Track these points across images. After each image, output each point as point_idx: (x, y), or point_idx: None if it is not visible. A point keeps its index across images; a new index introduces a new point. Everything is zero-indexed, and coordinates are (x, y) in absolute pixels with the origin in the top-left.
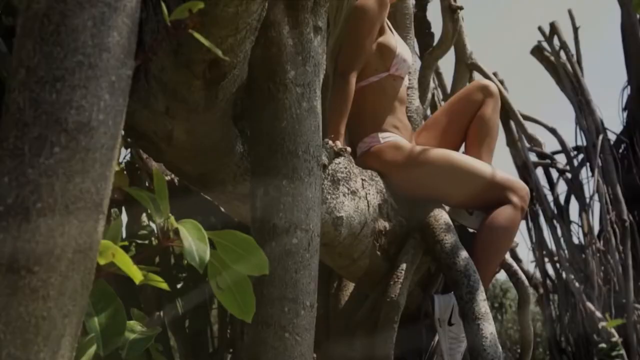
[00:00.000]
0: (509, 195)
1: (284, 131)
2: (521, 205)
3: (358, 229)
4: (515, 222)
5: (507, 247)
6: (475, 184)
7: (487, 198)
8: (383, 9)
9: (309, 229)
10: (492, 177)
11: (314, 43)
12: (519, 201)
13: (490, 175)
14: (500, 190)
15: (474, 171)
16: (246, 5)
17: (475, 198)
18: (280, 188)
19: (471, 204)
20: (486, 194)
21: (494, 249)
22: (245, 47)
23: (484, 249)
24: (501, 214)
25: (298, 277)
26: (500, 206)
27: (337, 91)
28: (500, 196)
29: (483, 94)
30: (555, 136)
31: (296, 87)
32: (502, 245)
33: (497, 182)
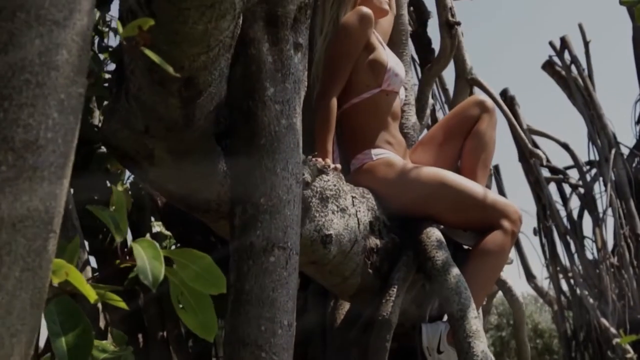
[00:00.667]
0: (499, 220)
1: (262, 149)
2: (512, 230)
3: (348, 247)
4: (505, 247)
5: (498, 273)
6: (466, 205)
7: (478, 220)
8: (366, 26)
9: (287, 247)
10: (483, 200)
11: (294, 60)
12: (509, 225)
13: (481, 197)
14: (492, 213)
15: (465, 192)
16: (216, 22)
17: (465, 219)
18: (257, 206)
19: (462, 225)
20: (477, 217)
21: (484, 276)
22: (220, 65)
23: (474, 276)
24: (491, 240)
25: (275, 295)
26: (491, 230)
27: (318, 113)
28: (491, 220)
29: (479, 109)
30: (568, 151)
31: (275, 104)
32: (493, 272)
33: (489, 204)
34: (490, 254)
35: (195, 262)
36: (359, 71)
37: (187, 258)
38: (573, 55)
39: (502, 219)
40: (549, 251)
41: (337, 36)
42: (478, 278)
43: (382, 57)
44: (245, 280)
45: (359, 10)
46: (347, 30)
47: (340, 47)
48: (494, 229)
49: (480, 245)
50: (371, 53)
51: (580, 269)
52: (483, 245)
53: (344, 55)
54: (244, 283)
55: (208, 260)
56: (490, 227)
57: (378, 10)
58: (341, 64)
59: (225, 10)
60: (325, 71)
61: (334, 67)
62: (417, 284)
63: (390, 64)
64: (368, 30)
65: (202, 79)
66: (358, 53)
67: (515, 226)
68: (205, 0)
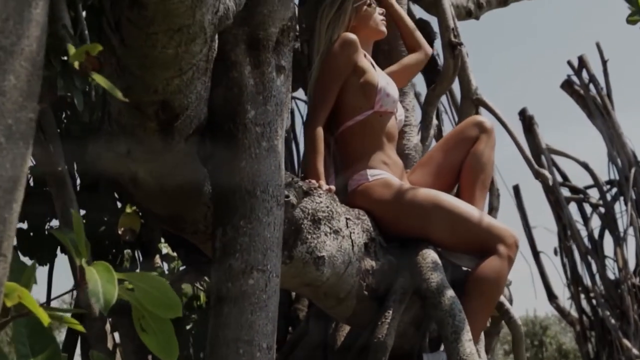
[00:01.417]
0: (495, 245)
1: (243, 171)
2: (508, 255)
3: (342, 269)
4: (501, 273)
5: (496, 299)
6: (461, 228)
7: (474, 244)
8: (349, 52)
9: (267, 269)
10: (479, 223)
11: (277, 82)
12: (505, 250)
13: (477, 221)
14: (487, 238)
15: (461, 215)
16: (186, 46)
17: (461, 243)
18: (237, 229)
19: (458, 248)
20: (473, 240)
21: (481, 302)
22: (196, 88)
23: (471, 303)
24: (487, 266)
25: (254, 318)
26: (488, 255)
27: (305, 139)
28: (487, 244)
29: (477, 130)
30: (588, 170)
31: (256, 126)
32: (490, 298)
33: (484, 229)
34: (486, 281)
35: (153, 286)
36: (351, 94)
37: (145, 282)
38: (591, 74)
39: (498, 244)
40: (570, 271)
41: (321, 63)
42: (476, 305)
43: (372, 79)
44: (223, 302)
45: (343, 37)
46: (330, 58)
47: (324, 74)
48: (490, 254)
49: (477, 272)
50: (362, 76)
51: (601, 289)
52: (479, 272)
53: (327, 81)
54: (223, 306)
55: (165, 285)
56: (486, 251)
57: (374, 32)
58: (324, 90)
59: (194, 34)
60: (312, 97)
61: (318, 93)
62: (415, 305)
63: (381, 84)
64: (352, 55)
65: (177, 102)
66: (342, 79)
67: (511, 251)
68: (172, 25)
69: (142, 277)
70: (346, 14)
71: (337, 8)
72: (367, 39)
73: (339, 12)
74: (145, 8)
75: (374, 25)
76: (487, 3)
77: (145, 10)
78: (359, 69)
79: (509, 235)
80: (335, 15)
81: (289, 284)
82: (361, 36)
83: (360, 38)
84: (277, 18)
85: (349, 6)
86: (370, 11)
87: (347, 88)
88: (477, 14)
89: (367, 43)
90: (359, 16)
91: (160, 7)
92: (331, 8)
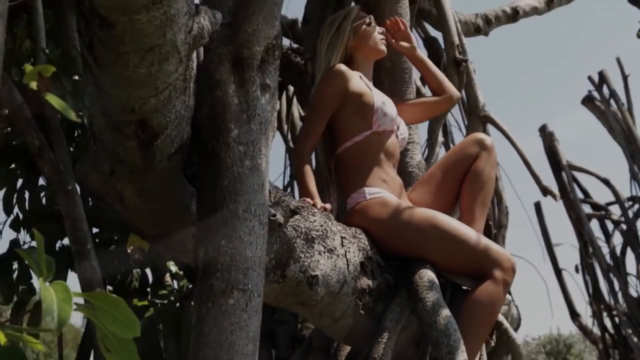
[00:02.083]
0: (492, 269)
1: (225, 190)
2: (503, 279)
3: (337, 288)
4: (496, 298)
5: (491, 324)
6: (457, 250)
7: (470, 267)
8: (339, 84)
9: (248, 289)
10: (475, 246)
11: (262, 101)
12: (501, 275)
13: (474, 243)
14: (484, 261)
15: (458, 237)
16: (159, 65)
17: (457, 264)
18: (219, 248)
19: (454, 269)
20: (469, 263)
21: (476, 327)
22: (175, 108)
23: (466, 327)
24: (482, 291)
25: (234, 338)
26: (483, 279)
27: (293, 164)
28: (483, 268)
29: (478, 147)
30: (609, 187)
31: (239, 145)
32: (485, 323)
33: (481, 252)
34: (481, 306)
35: (112, 306)
36: (348, 118)
37: (103, 301)
38: (612, 89)
39: (494, 269)
40: (592, 289)
41: (314, 90)
42: (470, 329)
43: (368, 101)
44: (204, 322)
45: (333, 69)
46: (319, 88)
47: (313, 103)
48: (486, 278)
49: (472, 297)
50: (357, 99)
51: (624, 306)
52: (475, 297)
53: (316, 111)
54: (203, 325)
55: (123, 304)
56: (482, 275)
57: (373, 51)
58: (312, 118)
59: (167, 53)
60: (303, 122)
61: (307, 120)
62: (413, 324)
63: (377, 104)
64: (343, 86)
65: (156, 121)
66: (331, 109)
67: (507, 275)
68: (142, 44)
69: (101, 296)
70: (345, 33)
71: (336, 28)
72: (366, 59)
73: (338, 32)
74: (114, 28)
75: (373, 45)
76: (496, 19)
77: (114, 30)
78: (353, 94)
79: (505, 259)
80: (334, 35)
81: (283, 303)
82: (360, 55)
83: (359, 57)
84: (261, 37)
85: (347, 26)
86: (369, 30)
87: (342, 113)
88: (485, 30)
89: (366, 62)
90: (358, 36)
91: (129, 27)
92: (330, 28)
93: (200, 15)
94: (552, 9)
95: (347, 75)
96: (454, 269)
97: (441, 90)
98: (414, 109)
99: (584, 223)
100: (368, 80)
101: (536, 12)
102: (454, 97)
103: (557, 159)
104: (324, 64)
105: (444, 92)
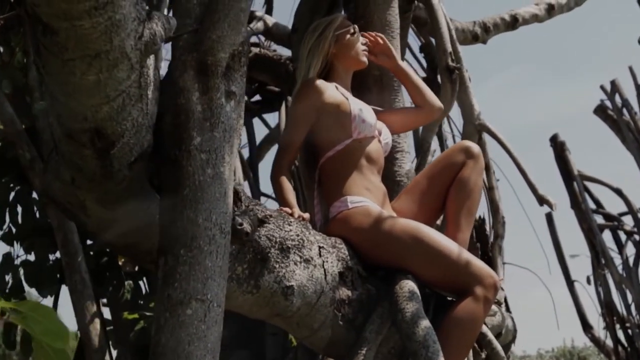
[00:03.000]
0: (472, 285)
1: (186, 199)
2: (484, 296)
3: (314, 299)
4: (476, 315)
5: (471, 343)
6: (438, 264)
7: (451, 281)
8: (314, 98)
9: (207, 299)
10: (457, 261)
11: (226, 108)
12: (482, 292)
13: (455, 258)
14: (465, 277)
15: (438, 250)
16: (108, 72)
17: (438, 278)
18: (177, 257)
19: (435, 283)
20: (449, 277)
21: (455, 346)
22: (131, 115)
23: (446, 345)
24: (462, 308)
25: (191, 349)
26: (464, 295)
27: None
28: (463, 283)
29: (464, 156)
30: (621, 197)
31: (201, 153)
32: (464, 341)
33: (462, 267)
34: (460, 324)
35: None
36: (328, 129)
37: (35, 311)
38: (624, 98)
39: (475, 285)
40: (604, 300)
41: (292, 102)
42: (450, 348)
43: (345, 109)
44: (162, 333)
45: (306, 83)
46: (294, 103)
47: (290, 116)
48: (467, 294)
49: (452, 314)
50: (335, 110)
51: (637, 318)
52: (454, 315)
53: (291, 123)
54: (161, 336)
55: (53, 314)
56: (463, 291)
57: (354, 62)
58: (289, 130)
59: (115, 59)
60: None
61: (285, 132)
62: (395, 336)
63: (354, 112)
64: (318, 99)
65: (110, 130)
66: (308, 123)
67: (488, 293)
68: (87, 51)
69: (28, 304)
70: (326, 40)
71: (318, 34)
72: (346, 68)
73: (320, 38)
74: (57, 34)
75: (355, 55)
76: (495, 26)
77: (57, 37)
78: (330, 105)
79: (487, 275)
80: (316, 41)
81: (259, 314)
82: (340, 65)
83: (339, 67)
84: (226, 43)
85: (329, 33)
86: (352, 40)
87: (321, 125)
88: (484, 37)
89: (345, 72)
90: (340, 44)
91: (72, 33)
92: (313, 34)
93: (153, 21)
94: (553, 17)
95: (321, 87)
96: (435, 282)
97: (423, 102)
98: (393, 118)
99: (595, 234)
100: (345, 90)
101: (536, 19)
102: (436, 109)
103: (568, 169)
104: (303, 69)
105: (426, 103)
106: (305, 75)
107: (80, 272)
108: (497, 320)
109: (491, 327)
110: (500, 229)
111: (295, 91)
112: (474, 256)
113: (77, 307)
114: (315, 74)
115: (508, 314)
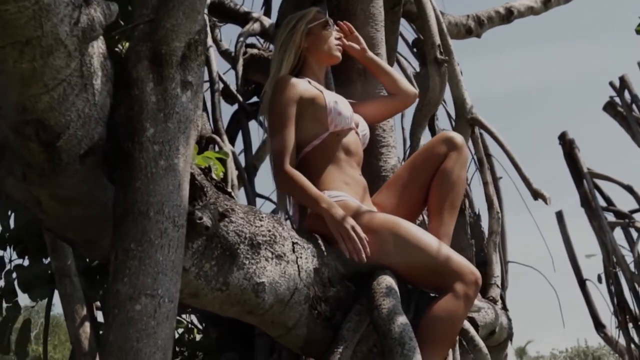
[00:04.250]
0: (453, 282)
1: (137, 191)
2: (465, 293)
3: (287, 296)
4: (456, 314)
5: (451, 341)
6: (417, 260)
7: (430, 278)
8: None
9: (157, 294)
10: (436, 257)
11: (182, 99)
12: (462, 289)
13: (435, 254)
14: (444, 273)
15: (418, 246)
16: (43, 60)
17: (417, 275)
18: (127, 251)
19: (415, 279)
20: (429, 274)
21: (433, 343)
22: (75, 106)
23: (425, 342)
24: (441, 305)
25: (140, 346)
26: (444, 292)
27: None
28: (443, 280)
29: (446, 147)
30: (632, 194)
31: (154, 145)
32: (444, 338)
33: (441, 263)
34: (440, 321)
35: None
36: (305, 124)
37: None
38: (633, 94)
39: (455, 282)
40: (616, 299)
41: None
42: (428, 346)
43: (320, 102)
44: (110, 330)
45: (279, 80)
46: (273, 101)
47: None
48: (446, 291)
49: (431, 311)
50: (310, 104)
51: None
52: (433, 312)
53: (279, 121)
54: (109, 333)
55: None
56: (443, 287)
57: (326, 56)
58: (278, 130)
59: (49, 46)
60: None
61: (274, 135)
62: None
63: (330, 105)
64: (294, 95)
65: (53, 121)
66: (292, 114)
67: (469, 289)
68: (16, 36)
69: None
70: (298, 33)
71: (290, 27)
72: (318, 63)
73: (292, 31)
74: None
75: (327, 50)
76: (489, 20)
77: None
78: (306, 100)
79: (468, 272)
80: (288, 34)
81: (230, 312)
82: (312, 59)
83: (312, 61)
84: (182, 32)
85: (302, 26)
86: (325, 35)
87: (298, 121)
88: (478, 31)
89: (318, 66)
90: (313, 38)
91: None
92: (285, 28)
93: (91, 7)
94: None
95: (294, 82)
96: (414, 278)
97: (396, 89)
98: (370, 107)
99: (606, 231)
100: (318, 84)
101: (532, 12)
102: (410, 95)
103: (577, 166)
104: (276, 65)
105: (400, 90)
106: (276, 72)
107: (70, 276)
108: (490, 317)
109: (483, 324)
110: (495, 224)
111: (269, 90)
112: (454, 252)
113: (66, 310)
114: (287, 70)
115: (503, 311)
